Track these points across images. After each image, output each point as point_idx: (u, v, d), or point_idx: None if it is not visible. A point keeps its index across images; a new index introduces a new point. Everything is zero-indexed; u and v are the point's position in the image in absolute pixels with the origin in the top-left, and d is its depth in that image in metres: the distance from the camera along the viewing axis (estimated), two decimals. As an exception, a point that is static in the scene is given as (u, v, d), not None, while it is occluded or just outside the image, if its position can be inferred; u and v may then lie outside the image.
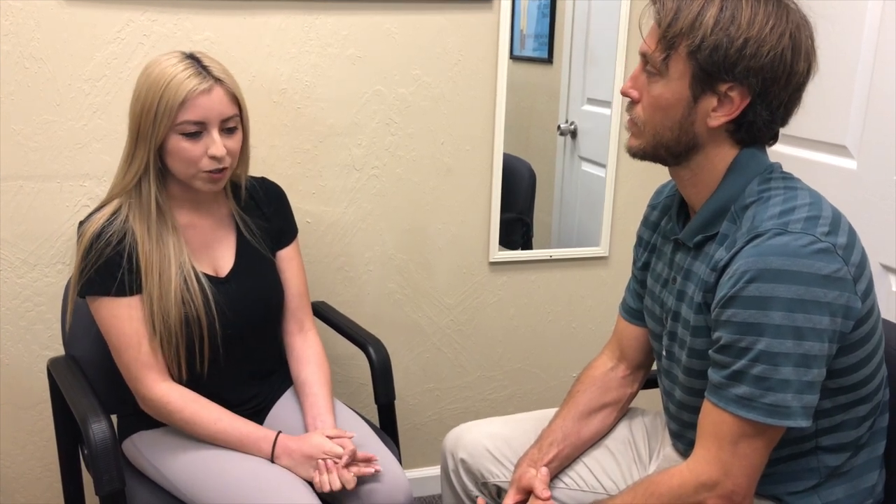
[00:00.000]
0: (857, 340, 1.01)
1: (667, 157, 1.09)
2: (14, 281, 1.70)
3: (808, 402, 0.98)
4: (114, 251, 1.30)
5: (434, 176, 1.92)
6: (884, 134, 1.60)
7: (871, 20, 1.63)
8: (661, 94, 1.05)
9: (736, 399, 0.99)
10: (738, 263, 0.98)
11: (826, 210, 1.01)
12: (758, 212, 1.02)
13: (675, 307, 1.15)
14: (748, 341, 0.97)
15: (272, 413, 1.51)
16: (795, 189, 1.04)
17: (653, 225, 1.28)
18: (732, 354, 0.99)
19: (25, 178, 1.65)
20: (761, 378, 0.97)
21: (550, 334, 2.12)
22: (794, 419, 0.97)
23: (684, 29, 1.01)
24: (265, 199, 1.51)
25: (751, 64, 0.99)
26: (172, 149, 1.30)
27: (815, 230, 0.97)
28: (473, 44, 1.85)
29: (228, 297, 1.39)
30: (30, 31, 1.58)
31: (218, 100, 1.30)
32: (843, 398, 1.05)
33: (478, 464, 1.33)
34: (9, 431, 1.78)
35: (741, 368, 0.98)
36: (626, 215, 2.08)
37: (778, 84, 1.01)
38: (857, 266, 0.99)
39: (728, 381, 1.00)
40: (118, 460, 1.24)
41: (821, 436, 1.07)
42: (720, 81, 1.01)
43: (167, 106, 1.27)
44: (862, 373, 1.04)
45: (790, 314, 0.94)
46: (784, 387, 0.96)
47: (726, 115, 1.03)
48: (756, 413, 0.98)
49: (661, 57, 1.03)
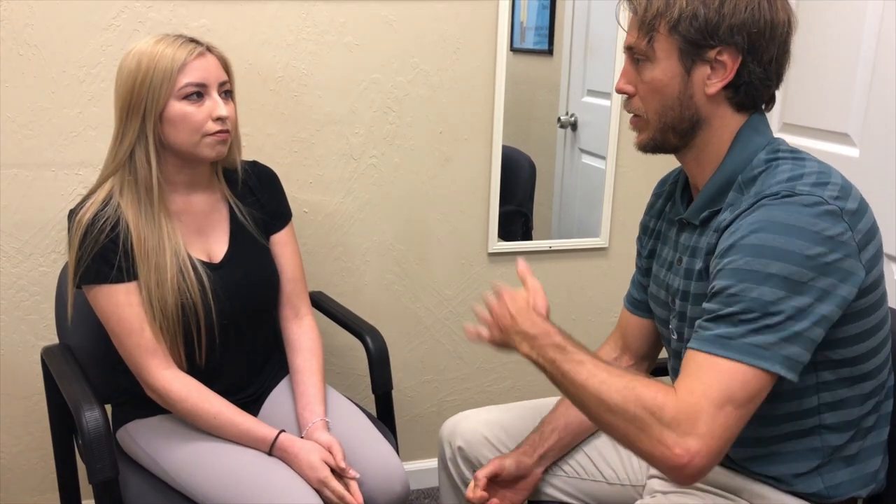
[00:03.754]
0: (862, 310, 1.00)
1: (675, 139, 1.08)
2: (9, 270, 1.68)
3: (794, 353, 0.93)
4: (107, 238, 1.29)
5: (432, 165, 1.90)
6: (886, 122, 1.59)
7: (873, 8, 1.62)
8: (654, 76, 1.05)
9: (713, 338, 0.94)
10: (743, 220, 0.98)
11: (836, 178, 1.00)
12: (766, 179, 1.01)
13: (682, 286, 1.13)
14: (740, 288, 0.94)
15: (268, 401, 1.50)
16: (804, 159, 1.04)
17: (657, 212, 1.27)
18: (721, 301, 0.96)
19: (20, 166, 1.64)
20: (746, 321, 0.93)
21: (550, 326, 2.11)
22: (773, 364, 0.92)
23: (660, 8, 1.02)
24: (258, 184, 1.49)
25: (732, 22, 1.00)
26: (175, 116, 1.29)
27: (823, 193, 0.96)
28: (472, 32, 1.84)
29: (223, 282, 1.37)
30: (24, 17, 1.57)
31: (214, 64, 1.32)
32: (845, 371, 1.04)
33: (475, 451, 1.32)
34: (5, 421, 1.77)
35: (727, 313, 0.94)
36: (625, 207, 2.06)
37: (764, 37, 1.01)
38: (863, 234, 0.97)
39: (709, 324, 0.96)
40: (111, 449, 1.23)
41: (824, 412, 1.06)
42: (707, 48, 1.02)
43: (166, 72, 1.27)
44: (866, 345, 1.03)
45: (787, 266, 0.92)
46: (769, 331, 0.92)
47: (721, 79, 1.03)
48: (733, 352, 0.92)
49: (645, 42, 1.04)
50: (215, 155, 1.34)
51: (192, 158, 1.34)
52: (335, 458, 1.30)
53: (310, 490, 1.26)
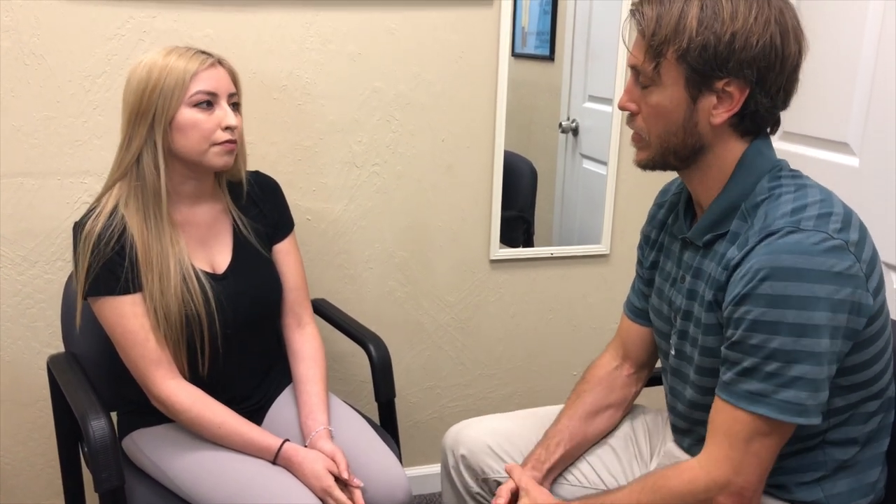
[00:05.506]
0: (870, 337, 1.01)
1: (676, 162, 1.08)
2: (14, 278, 1.69)
3: (822, 399, 0.98)
4: (113, 250, 1.30)
5: (435, 173, 1.91)
6: (886, 131, 1.60)
7: (872, 17, 1.63)
8: (659, 102, 1.04)
9: (747, 395, 0.98)
10: (751, 262, 0.98)
11: (837, 207, 1.00)
12: (769, 209, 1.01)
13: (685, 306, 1.14)
14: (761, 339, 0.96)
15: (272, 410, 1.51)
16: (806, 186, 1.04)
17: (660, 223, 1.27)
18: (744, 351, 0.98)
19: (26, 174, 1.65)
20: (774, 374, 0.96)
21: (551, 332, 2.12)
22: (808, 416, 0.97)
23: (669, 35, 0.99)
24: (260, 194, 1.50)
25: (742, 57, 0.98)
26: (185, 123, 1.30)
27: (827, 227, 0.96)
28: (474, 41, 1.85)
29: (227, 293, 1.38)
30: (30, 27, 1.58)
31: (224, 75, 1.35)
32: (854, 396, 1.05)
33: (478, 460, 1.33)
34: (10, 428, 1.78)
35: (753, 365, 0.98)
36: (627, 213, 2.07)
37: (773, 70, 1.00)
38: (868, 263, 0.98)
39: (739, 378, 0.99)
40: (118, 458, 1.24)
41: (829, 431, 1.07)
42: (715, 79, 1.00)
43: (178, 79, 1.29)
44: (874, 369, 1.04)
45: (803, 312, 0.94)
46: (798, 384, 0.96)
47: (728, 110, 1.02)
48: (769, 409, 0.97)
49: (652, 66, 1.02)
50: (222, 164, 1.35)
51: (199, 167, 1.35)
52: (339, 468, 1.31)
53: (314, 499, 1.27)
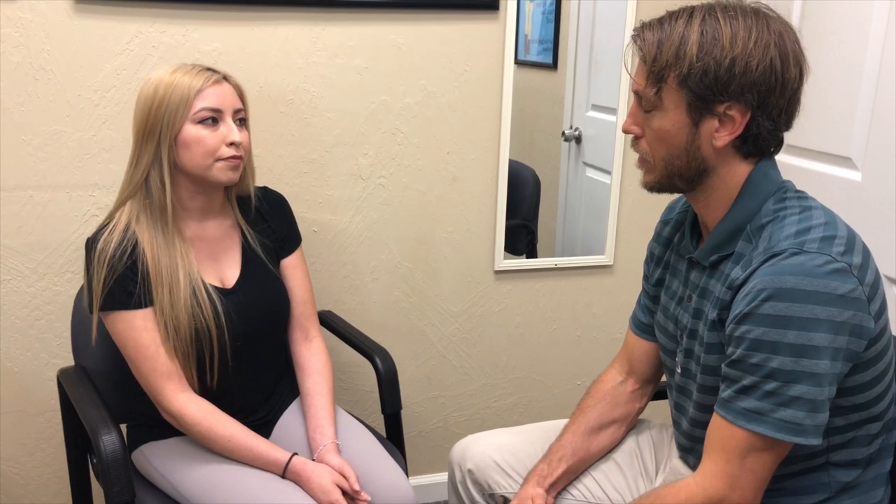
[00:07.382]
0: (870, 359, 1.02)
1: (682, 184, 1.10)
2: (23, 290, 1.71)
3: (821, 420, 0.99)
4: (125, 266, 1.31)
5: (440, 185, 1.93)
6: (888, 145, 1.60)
7: (875, 32, 1.63)
8: (662, 126, 1.06)
9: (745, 412, 1.00)
10: (754, 281, 0.99)
11: (841, 230, 1.02)
12: (774, 231, 1.03)
13: (691, 325, 1.15)
14: (761, 357, 0.98)
15: (280, 423, 1.52)
16: (811, 209, 1.05)
17: (665, 241, 1.28)
18: (744, 369, 1.00)
19: (35, 187, 1.66)
20: (773, 393, 0.97)
21: (555, 343, 2.13)
22: (806, 436, 0.98)
23: (669, 60, 1.01)
24: (268, 209, 1.52)
25: (743, 81, 1.00)
26: (190, 139, 1.32)
27: (831, 250, 0.97)
28: (479, 54, 1.86)
29: (236, 307, 1.40)
30: (39, 42, 1.59)
31: (229, 91, 1.37)
32: (855, 416, 1.06)
33: (485, 475, 1.34)
34: (18, 438, 1.79)
35: (752, 384, 0.99)
36: (631, 223, 2.08)
37: (774, 94, 1.01)
38: (871, 286, 1.00)
39: (738, 395, 1.01)
40: (128, 472, 1.25)
41: (832, 452, 1.08)
42: (716, 103, 1.02)
43: (183, 96, 1.31)
44: (875, 390, 1.05)
45: (804, 333, 0.95)
46: (796, 404, 0.97)
47: (730, 133, 1.04)
48: (766, 427, 0.98)
49: (653, 91, 1.04)
50: (227, 180, 1.37)
51: (205, 182, 1.37)
52: (350, 482, 1.32)
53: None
